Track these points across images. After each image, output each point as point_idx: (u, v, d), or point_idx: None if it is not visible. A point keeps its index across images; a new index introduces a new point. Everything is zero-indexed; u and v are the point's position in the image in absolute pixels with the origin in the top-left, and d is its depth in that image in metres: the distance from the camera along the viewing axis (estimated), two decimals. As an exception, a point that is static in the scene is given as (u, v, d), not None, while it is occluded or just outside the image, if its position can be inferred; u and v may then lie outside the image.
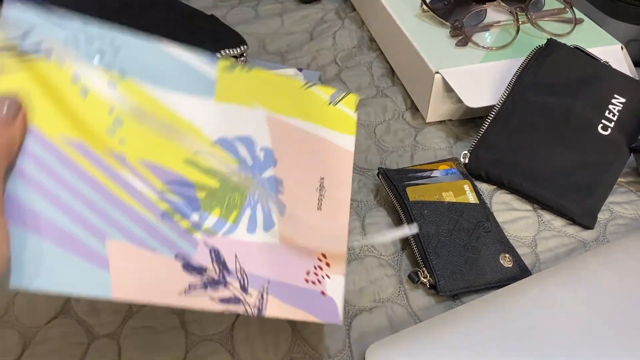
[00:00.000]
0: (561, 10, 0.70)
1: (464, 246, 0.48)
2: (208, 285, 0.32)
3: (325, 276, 0.37)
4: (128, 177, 0.32)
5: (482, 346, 0.40)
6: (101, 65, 0.32)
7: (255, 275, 0.34)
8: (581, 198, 0.53)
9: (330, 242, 0.38)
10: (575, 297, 0.43)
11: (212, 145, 0.35)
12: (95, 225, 0.30)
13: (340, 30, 0.81)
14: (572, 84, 0.57)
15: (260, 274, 0.35)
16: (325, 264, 0.38)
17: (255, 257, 0.35)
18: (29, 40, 0.30)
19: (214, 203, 0.35)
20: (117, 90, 0.32)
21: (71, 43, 0.31)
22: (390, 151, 0.61)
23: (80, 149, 0.30)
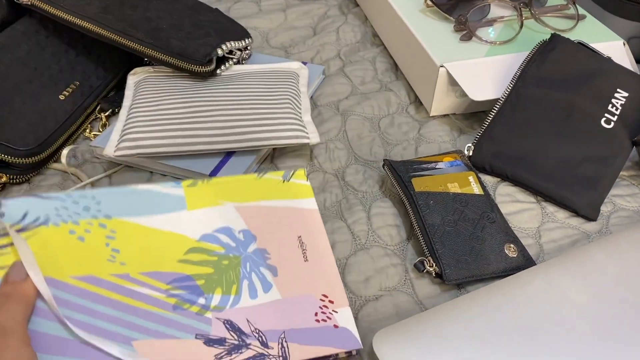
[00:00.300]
0: (564, 7, 0.70)
1: (469, 236, 0.48)
2: (232, 351, 0.38)
3: (332, 312, 0.42)
4: (135, 288, 0.39)
5: (487, 334, 0.40)
6: (89, 217, 0.40)
7: (271, 330, 0.40)
8: (584, 190, 0.53)
9: (326, 283, 0.44)
10: (579, 286, 0.43)
11: (197, 242, 0.43)
12: (119, 333, 0.37)
13: (344, 26, 0.81)
14: (575, 78, 0.58)
15: (275, 328, 0.40)
16: (329, 302, 0.42)
17: (265, 315, 0.40)
18: (29, 218, 0.39)
19: (214, 285, 0.41)
20: (108, 229, 0.40)
21: (61, 209, 0.40)
22: (394, 144, 0.61)
23: (90, 281, 0.38)
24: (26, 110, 0.58)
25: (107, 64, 0.68)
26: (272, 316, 0.40)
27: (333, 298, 0.43)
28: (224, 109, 0.58)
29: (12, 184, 0.58)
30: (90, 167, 0.60)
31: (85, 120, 0.65)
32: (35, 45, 0.64)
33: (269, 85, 0.63)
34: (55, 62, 0.64)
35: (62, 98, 0.62)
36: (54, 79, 0.63)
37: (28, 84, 0.60)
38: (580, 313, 0.42)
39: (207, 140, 0.55)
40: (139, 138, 0.55)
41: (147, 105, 0.59)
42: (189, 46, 0.61)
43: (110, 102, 0.66)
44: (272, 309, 0.41)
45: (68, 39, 0.66)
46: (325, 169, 0.58)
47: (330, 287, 0.43)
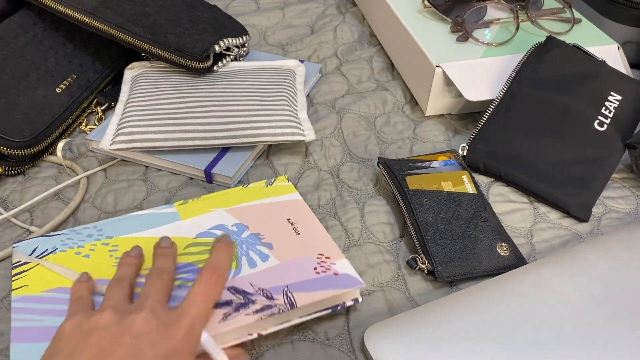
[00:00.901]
0: (560, 10, 0.71)
1: (462, 234, 0.48)
2: (240, 308, 0.40)
3: (331, 264, 0.44)
4: (142, 280, 0.42)
5: (478, 331, 0.41)
6: (92, 240, 0.46)
7: (274, 286, 0.42)
8: (577, 192, 0.54)
9: (320, 245, 0.46)
10: (570, 285, 0.44)
11: (194, 239, 0.46)
12: None
13: (341, 25, 0.81)
14: (570, 80, 0.59)
15: (278, 284, 0.42)
16: (326, 258, 0.44)
17: (267, 277, 0.43)
18: (38, 251, 0.45)
19: None
20: (110, 245, 0.46)
21: (67, 240, 0.46)
22: (389, 142, 0.62)
23: (101, 282, 0.42)
24: (22, 102, 0.58)
25: (104, 58, 0.68)
26: (274, 277, 0.43)
27: (329, 254, 0.45)
28: (220, 105, 0.58)
29: (7, 176, 0.58)
30: (85, 160, 0.60)
31: (82, 114, 0.65)
32: (33, 37, 0.64)
33: (265, 82, 0.63)
34: (53, 55, 0.64)
35: (58, 91, 0.62)
36: (51, 71, 0.63)
37: (25, 77, 0.60)
38: (571, 311, 0.42)
39: (203, 136, 0.56)
40: (135, 132, 0.55)
41: (143, 99, 0.59)
42: (186, 42, 0.61)
43: (106, 96, 0.66)
44: (272, 272, 0.43)
45: (65, 32, 0.66)
46: (320, 166, 0.58)
47: (325, 247, 0.46)
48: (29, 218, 0.53)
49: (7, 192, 0.56)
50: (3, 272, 0.48)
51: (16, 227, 0.52)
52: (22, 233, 0.51)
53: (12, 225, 0.52)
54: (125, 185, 0.56)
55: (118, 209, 0.54)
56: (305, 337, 0.43)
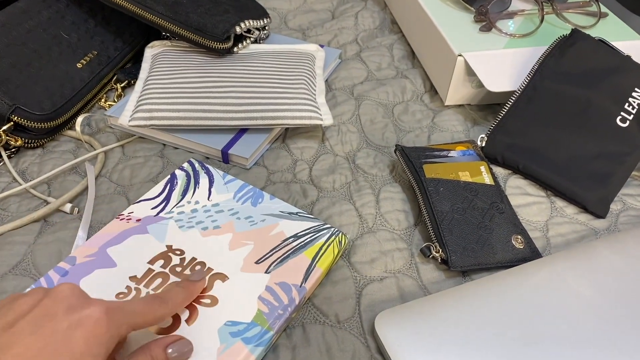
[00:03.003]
0: (586, 4, 0.70)
1: (477, 225, 0.48)
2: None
3: None
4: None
5: (489, 322, 0.40)
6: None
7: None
8: (595, 187, 0.53)
9: None
10: (584, 280, 0.44)
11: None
12: None
13: (363, 11, 0.81)
14: (593, 75, 0.58)
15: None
16: None
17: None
18: None
19: None
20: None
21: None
22: (407, 131, 0.61)
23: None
24: (44, 76, 0.59)
25: (125, 35, 0.68)
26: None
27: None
28: (239, 86, 0.58)
29: (27, 148, 0.58)
30: (103, 136, 0.60)
31: (101, 90, 0.65)
32: (56, 12, 0.64)
33: (285, 65, 0.63)
34: (75, 31, 0.64)
35: (79, 66, 0.62)
36: (73, 47, 0.63)
37: (47, 51, 0.61)
38: (584, 307, 0.42)
39: (221, 116, 0.56)
40: (153, 110, 0.55)
41: (163, 78, 0.59)
42: (208, 22, 0.61)
43: (126, 74, 0.66)
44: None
45: (88, 8, 0.66)
46: (336, 152, 0.58)
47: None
48: (47, 190, 0.54)
49: (26, 164, 0.56)
50: (19, 238, 0.48)
51: (34, 198, 0.53)
52: (39, 204, 0.52)
53: (30, 196, 0.53)
54: (142, 161, 0.57)
55: (133, 182, 0.54)
56: (316, 320, 0.43)
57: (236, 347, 0.38)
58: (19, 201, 0.52)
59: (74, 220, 0.50)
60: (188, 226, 0.46)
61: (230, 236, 0.46)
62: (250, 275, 0.43)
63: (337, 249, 0.46)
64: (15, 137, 0.56)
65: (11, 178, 0.55)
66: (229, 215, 0.48)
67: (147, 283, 0.42)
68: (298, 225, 0.47)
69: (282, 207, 0.49)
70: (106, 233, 0.45)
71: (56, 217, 0.51)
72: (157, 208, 0.48)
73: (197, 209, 0.48)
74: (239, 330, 0.39)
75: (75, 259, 0.43)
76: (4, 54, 0.57)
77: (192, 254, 0.44)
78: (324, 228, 0.47)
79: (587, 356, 0.39)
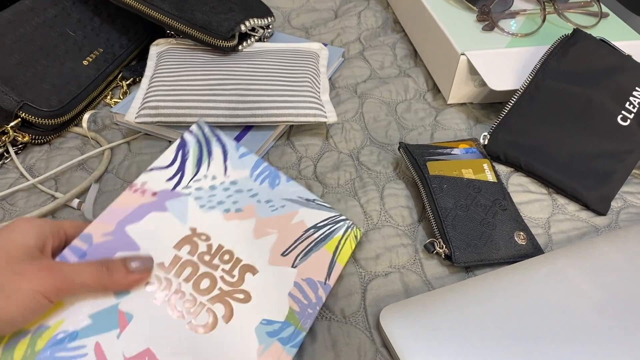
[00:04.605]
0: (587, 4, 0.70)
1: (481, 221, 0.49)
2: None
3: None
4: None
5: (492, 317, 0.41)
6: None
7: None
8: (596, 185, 0.54)
9: None
10: (585, 276, 0.44)
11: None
12: None
13: (365, 10, 0.81)
14: (594, 74, 0.58)
15: None
16: None
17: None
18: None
19: None
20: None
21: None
22: (410, 129, 0.62)
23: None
24: (51, 73, 0.59)
25: (130, 33, 0.69)
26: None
27: None
28: (244, 84, 0.58)
29: (34, 144, 0.59)
30: (109, 133, 0.61)
31: (107, 87, 0.66)
32: (62, 10, 0.64)
33: (289, 63, 0.63)
34: (81, 28, 0.65)
35: (85, 63, 0.63)
36: (79, 44, 0.63)
37: (53, 48, 0.61)
38: (585, 302, 0.42)
39: (226, 113, 0.56)
40: (159, 106, 0.56)
41: (168, 75, 0.60)
42: (213, 20, 0.62)
43: (132, 71, 0.67)
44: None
45: (94, 6, 0.67)
46: (340, 149, 0.59)
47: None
48: (54, 185, 0.54)
49: (33, 160, 0.57)
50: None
51: (42, 194, 0.53)
52: (47, 199, 0.53)
53: (37, 192, 0.53)
54: (148, 158, 0.57)
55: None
56: (322, 315, 0.44)
57: (274, 348, 0.38)
58: (26, 196, 0.53)
59: (82, 215, 0.51)
60: (209, 206, 0.43)
61: (254, 222, 0.44)
62: (278, 270, 0.42)
63: (353, 243, 0.46)
64: (23, 134, 0.57)
65: (19, 174, 0.56)
66: (249, 197, 0.45)
67: (177, 272, 0.39)
68: (317, 215, 0.46)
69: (299, 192, 0.47)
70: (121, 207, 0.41)
71: (64, 212, 0.51)
72: (172, 180, 0.44)
73: (216, 186, 0.45)
74: (274, 330, 0.39)
75: (91, 238, 0.39)
76: (12, 51, 0.58)
77: (218, 240, 0.42)
78: (340, 220, 0.47)
79: (588, 351, 0.39)
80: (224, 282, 0.40)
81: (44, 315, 0.35)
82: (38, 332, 0.34)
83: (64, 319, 0.35)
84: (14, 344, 0.34)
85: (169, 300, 0.38)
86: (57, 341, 0.35)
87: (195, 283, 0.39)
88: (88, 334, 0.35)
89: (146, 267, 0.37)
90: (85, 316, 0.36)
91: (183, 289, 0.39)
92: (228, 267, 0.41)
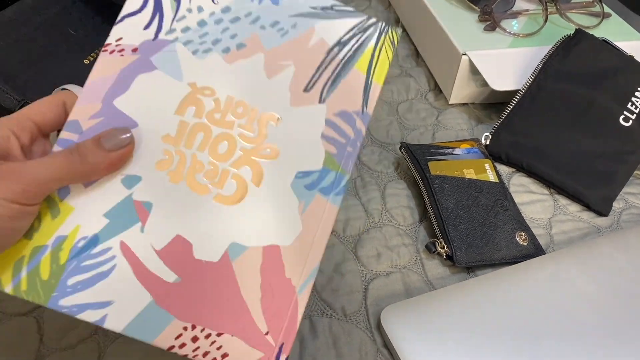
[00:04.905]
0: (589, 4, 0.70)
1: (482, 221, 0.49)
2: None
3: None
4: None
5: (493, 317, 0.41)
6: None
7: None
8: (598, 185, 0.54)
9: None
10: (587, 277, 0.44)
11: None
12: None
13: (367, 10, 0.81)
14: (596, 74, 0.58)
15: None
16: None
17: None
18: None
19: None
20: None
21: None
22: (411, 129, 0.62)
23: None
24: (52, 72, 0.59)
25: (132, 32, 0.69)
26: None
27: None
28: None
29: (35, 143, 0.59)
30: (111, 132, 0.61)
31: (108, 86, 0.66)
32: (63, 9, 0.64)
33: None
34: (82, 27, 0.64)
35: (86, 63, 0.63)
36: (80, 43, 0.63)
37: (54, 47, 0.61)
38: (587, 303, 0.42)
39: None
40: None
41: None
42: (214, 19, 0.61)
43: (133, 70, 0.67)
44: None
45: (95, 5, 0.67)
46: (342, 149, 0.59)
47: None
48: (55, 185, 0.54)
49: (34, 159, 0.57)
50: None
51: (43, 193, 0.53)
52: (48, 199, 0.53)
53: (38, 191, 0.53)
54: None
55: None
56: (323, 312, 0.44)
57: (317, 201, 0.34)
58: (27, 195, 0.53)
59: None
60: (203, 50, 0.35)
61: (262, 57, 0.36)
62: (304, 110, 0.36)
63: (390, 52, 0.37)
64: (24, 132, 0.57)
65: (19, 173, 0.55)
66: (248, 24, 0.36)
67: (188, 141, 0.34)
68: (339, 26, 0.37)
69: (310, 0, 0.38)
70: (102, 77, 0.34)
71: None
72: (150, 27, 0.35)
73: (205, 20, 0.36)
74: (313, 181, 0.34)
75: (78, 125, 0.33)
76: (13, 50, 0.57)
77: (225, 91, 0.35)
78: (369, 25, 0.37)
79: (590, 352, 0.39)
80: (244, 139, 0.35)
81: (57, 225, 0.32)
82: (57, 245, 0.31)
83: (79, 224, 0.32)
84: (37, 263, 0.31)
85: (186, 176, 0.33)
86: (80, 249, 0.31)
87: (212, 149, 0.34)
88: (109, 234, 0.32)
89: (125, 141, 0.32)
90: (100, 216, 0.32)
91: (200, 159, 0.34)
92: (244, 121, 0.35)
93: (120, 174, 0.32)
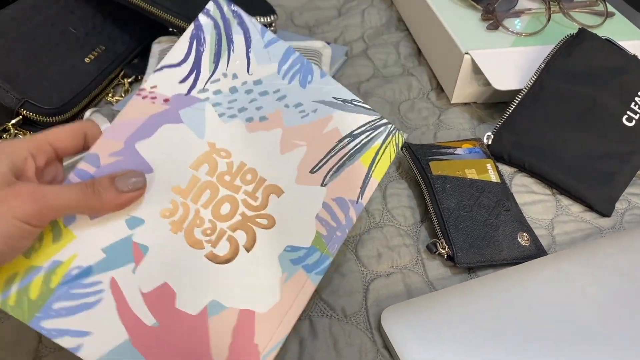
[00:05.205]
0: (593, 3, 0.70)
1: (484, 222, 0.48)
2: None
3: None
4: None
5: (495, 318, 0.41)
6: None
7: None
8: (600, 186, 0.53)
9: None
10: (589, 277, 0.44)
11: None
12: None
13: (369, 8, 0.81)
14: (600, 74, 0.58)
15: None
16: None
17: None
18: None
19: None
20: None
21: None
22: (413, 128, 0.62)
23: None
24: (52, 70, 0.59)
25: (132, 31, 0.69)
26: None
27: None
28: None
29: (35, 142, 0.59)
30: (111, 130, 0.60)
31: (109, 85, 0.65)
32: (64, 7, 0.64)
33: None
34: (82, 26, 0.64)
35: (87, 61, 0.62)
36: (80, 42, 0.63)
37: (55, 45, 0.61)
38: (589, 304, 0.42)
39: (229, 112, 0.56)
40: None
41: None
42: (215, 17, 0.61)
43: (134, 69, 0.66)
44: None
45: (95, 3, 0.67)
46: (343, 148, 0.59)
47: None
48: (55, 184, 0.54)
49: (34, 158, 0.57)
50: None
51: (43, 192, 0.53)
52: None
53: (38, 190, 0.53)
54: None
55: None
56: (323, 313, 0.43)
57: (298, 276, 0.35)
58: (27, 194, 0.53)
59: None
60: (229, 115, 0.37)
61: (280, 133, 0.38)
62: (306, 189, 0.38)
63: (393, 152, 0.41)
64: (24, 131, 0.56)
65: (19, 171, 0.55)
66: (275, 100, 0.38)
67: (195, 197, 0.35)
68: (354, 120, 0.40)
69: (335, 90, 0.40)
70: (130, 120, 0.35)
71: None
72: (186, 82, 0.37)
73: (237, 88, 0.37)
74: (299, 257, 0.36)
75: (97, 158, 0.33)
76: (14, 48, 0.57)
77: (240, 157, 0.37)
78: (380, 124, 0.40)
79: (592, 353, 0.39)
80: (246, 206, 0.36)
81: (56, 249, 0.32)
82: (52, 269, 0.32)
83: (77, 253, 0.32)
84: (28, 282, 0.31)
85: (186, 228, 0.35)
86: (72, 277, 0.32)
87: (215, 208, 0.35)
88: (103, 269, 0.33)
89: (137, 185, 0.33)
90: (99, 249, 0.33)
91: (202, 215, 0.35)
92: (251, 188, 0.36)
93: (126, 213, 0.34)
